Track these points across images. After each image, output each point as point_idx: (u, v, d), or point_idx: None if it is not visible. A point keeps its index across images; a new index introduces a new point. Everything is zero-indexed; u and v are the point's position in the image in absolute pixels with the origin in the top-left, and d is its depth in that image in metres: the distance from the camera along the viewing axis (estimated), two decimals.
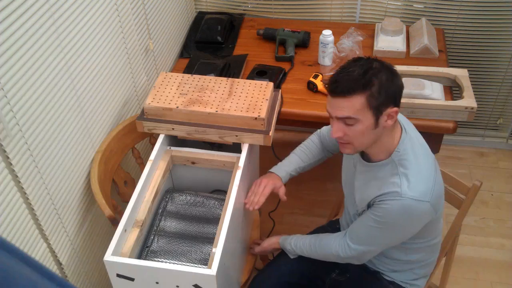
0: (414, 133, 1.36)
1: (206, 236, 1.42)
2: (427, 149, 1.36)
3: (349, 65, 1.23)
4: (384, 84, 1.19)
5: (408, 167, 1.26)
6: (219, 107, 1.48)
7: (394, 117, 1.23)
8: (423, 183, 1.26)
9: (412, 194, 1.24)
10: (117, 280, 1.24)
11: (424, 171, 1.28)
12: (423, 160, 1.30)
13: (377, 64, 1.22)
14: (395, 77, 1.22)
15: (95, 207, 1.59)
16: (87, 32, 1.43)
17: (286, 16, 2.46)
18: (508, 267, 2.15)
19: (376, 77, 1.19)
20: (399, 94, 1.24)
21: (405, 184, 1.25)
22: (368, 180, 1.35)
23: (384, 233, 1.33)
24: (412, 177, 1.25)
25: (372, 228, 1.33)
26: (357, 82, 1.19)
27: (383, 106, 1.20)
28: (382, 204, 1.28)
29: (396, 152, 1.28)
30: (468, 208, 1.56)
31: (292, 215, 2.41)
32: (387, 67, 1.23)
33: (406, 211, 1.25)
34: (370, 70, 1.20)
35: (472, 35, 2.32)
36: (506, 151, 2.67)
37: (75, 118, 1.41)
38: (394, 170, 1.28)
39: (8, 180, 1.14)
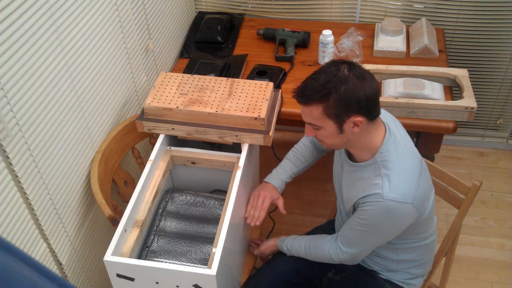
0: (400, 133, 1.35)
1: (206, 236, 1.42)
2: (413, 150, 1.35)
3: (319, 71, 1.25)
4: (342, 96, 1.19)
5: (390, 168, 1.26)
6: (219, 107, 1.48)
7: (359, 125, 1.23)
8: (405, 185, 1.26)
9: (393, 196, 1.24)
10: (117, 280, 1.24)
11: (406, 172, 1.28)
12: (407, 162, 1.30)
13: (345, 72, 1.20)
14: (361, 86, 1.20)
15: (95, 207, 1.59)
16: (87, 32, 1.43)
17: (286, 16, 2.46)
18: (508, 267, 2.15)
19: (335, 88, 1.19)
20: (365, 103, 1.20)
21: (387, 185, 1.25)
22: (353, 180, 1.36)
23: (371, 235, 1.35)
24: (394, 179, 1.25)
25: (359, 231, 1.35)
26: (315, 93, 1.21)
27: (343, 115, 1.21)
28: (365, 206, 1.29)
29: (379, 153, 1.28)
30: (468, 208, 1.56)
31: (292, 215, 2.41)
32: (357, 75, 1.20)
33: (388, 213, 1.26)
34: (332, 80, 1.19)
35: (472, 35, 2.31)
36: (506, 151, 2.67)
37: (75, 118, 1.41)
38: (377, 171, 1.28)
39: (8, 180, 1.14)
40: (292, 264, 1.60)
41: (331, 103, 1.20)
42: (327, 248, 1.46)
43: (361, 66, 1.24)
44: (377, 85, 1.24)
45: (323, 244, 1.47)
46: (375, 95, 1.23)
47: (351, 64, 1.23)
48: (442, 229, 2.29)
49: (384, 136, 1.29)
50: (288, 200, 2.43)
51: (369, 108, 1.22)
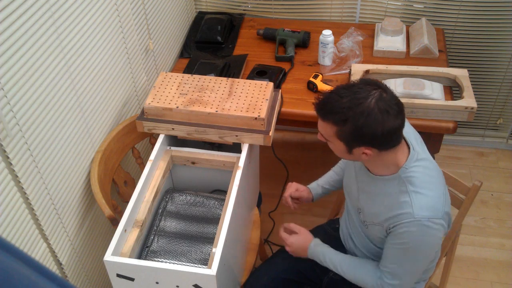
0: (420, 146, 1.33)
1: (206, 236, 1.42)
2: (434, 162, 1.33)
3: (347, 89, 1.19)
4: (359, 128, 1.15)
5: (417, 184, 1.24)
6: (219, 107, 1.48)
7: (368, 156, 1.22)
8: (434, 200, 1.24)
9: (424, 214, 1.21)
10: (117, 280, 1.24)
11: (433, 188, 1.26)
12: (432, 177, 1.28)
13: (371, 103, 1.14)
14: (383, 121, 1.14)
15: (95, 207, 1.59)
16: (87, 32, 1.43)
17: (286, 16, 2.46)
18: (508, 267, 2.15)
19: (354, 119, 1.15)
20: (383, 138, 1.17)
21: (416, 203, 1.22)
22: (375, 194, 1.33)
23: (412, 259, 1.29)
24: (422, 196, 1.23)
25: (399, 258, 1.30)
26: (333, 114, 1.18)
27: (354, 144, 1.20)
28: (398, 229, 1.25)
29: (403, 168, 1.25)
30: (468, 208, 1.56)
31: (292, 215, 2.41)
32: (381, 109, 1.14)
33: (422, 231, 1.23)
34: (354, 109, 1.14)
35: (472, 35, 2.31)
36: (506, 151, 2.67)
37: (75, 118, 1.41)
38: (402, 187, 1.25)
39: (8, 180, 1.14)
40: (292, 263, 1.60)
41: (345, 130, 1.18)
42: (371, 280, 1.39)
43: (394, 97, 1.18)
44: (401, 121, 1.18)
45: (367, 273, 1.41)
46: (395, 130, 1.18)
47: (383, 92, 1.16)
48: None
49: (408, 154, 1.27)
50: None
51: (384, 142, 1.19)
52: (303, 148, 2.74)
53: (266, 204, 2.18)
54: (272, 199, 2.30)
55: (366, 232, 1.43)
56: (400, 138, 1.23)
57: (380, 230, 1.33)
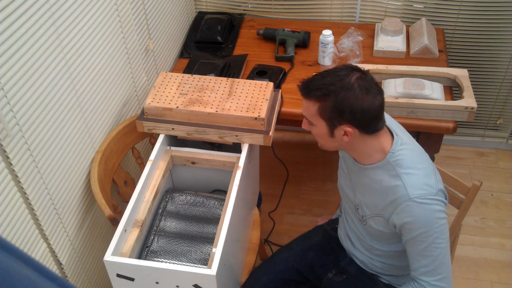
0: (405, 134, 1.35)
1: (206, 236, 1.42)
2: (421, 147, 1.36)
3: (330, 70, 1.24)
4: (339, 102, 1.19)
5: (405, 166, 1.26)
6: (219, 107, 1.48)
7: (349, 135, 1.23)
8: (425, 177, 1.25)
9: (419, 193, 1.22)
10: (117, 280, 1.24)
11: (423, 166, 1.27)
12: (419, 156, 1.30)
13: (351, 80, 1.19)
14: (363, 99, 1.18)
15: (95, 207, 1.59)
16: (87, 32, 1.43)
17: (286, 16, 2.46)
18: (508, 267, 2.15)
19: (335, 92, 1.19)
20: (361, 116, 1.20)
21: (409, 184, 1.23)
22: (368, 185, 1.34)
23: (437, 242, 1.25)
24: (413, 175, 1.25)
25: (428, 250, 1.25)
26: (315, 90, 1.22)
27: (335, 121, 1.22)
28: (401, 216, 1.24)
29: (390, 153, 1.27)
30: (468, 208, 1.56)
31: (292, 215, 2.41)
32: (361, 87, 1.19)
33: (425, 209, 1.23)
34: (336, 84, 1.19)
35: (472, 35, 2.31)
36: (506, 151, 2.67)
37: (75, 118, 1.41)
38: (392, 172, 1.26)
39: (8, 180, 1.14)
40: (291, 263, 1.60)
41: (326, 105, 1.21)
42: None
43: (373, 80, 1.22)
44: (380, 102, 1.22)
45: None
46: (374, 111, 1.21)
47: (363, 74, 1.22)
48: None
49: (392, 139, 1.29)
50: (288, 200, 2.44)
51: (364, 121, 1.21)
52: (303, 148, 2.74)
53: (266, 204, 2.19)
54: (272, 199, 2.30)
55: (365, 230, 1.43)
56: (381, 123, 1.25)
57: (381, 221, 1.33)
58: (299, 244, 1.67)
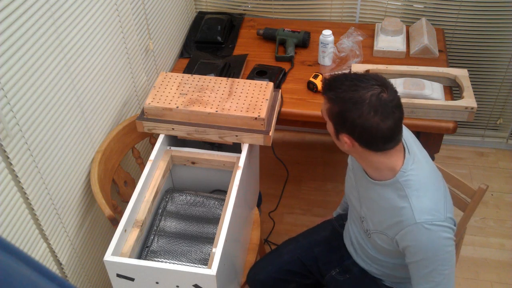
0: (418, 148, 1.31)
1: (206, 236, 1.42)
2: (432, 164, 1.32)
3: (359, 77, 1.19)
4: (341, 111, 1.17)
5: (415, 187, 1.22)
6: (219, 107, 1.48)
7: (349, 145, 1.21)
8: (434, 202, 1.22)
9: (426, 218, 1.19)
10: (117, 280, 1.24)
11: (433, 187, 1.24)
12: (430, 178, 1.26)
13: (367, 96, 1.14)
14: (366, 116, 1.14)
15: (95, 207, 1.59)
16: (87, 32, 1.43)
17: (286, 16, 2.46)
18: (508, 267, 2.15)
19: (343, 102, 1.16)
20: (362, 132, 1.16)
21: (417, 207, 1.20)
22: (375, 200, 1.31)
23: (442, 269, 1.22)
24: (421, 198, 1.21)
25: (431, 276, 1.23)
26: (330, 91, 1.20)
27: (338, 127, 1.22)
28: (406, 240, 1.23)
29: (401, 172, 1.23)
30: (473, 211, 1.52)
31: (292, 215, 2.41)
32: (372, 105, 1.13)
33: (431, 235, 1.20)
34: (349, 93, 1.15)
35: (472, 35, 2.31)
36: (506, 151, 2.67)
37: (75, 118, 1.41)
38: (401, 192, 1.22)
39: (8, 180, 1.14)
40: (297, 255, 1.62)
41: (334, 109, 1.20)
42: None
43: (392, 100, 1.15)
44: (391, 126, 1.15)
45: None
46: (379, 132, 1.15)
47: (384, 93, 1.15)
48: None
49: (404, 156, 1.24)
50: (288, 200, 2.44)
51: (364, 139, 1.18)
52: (303, 148, 2.74)
53: (266, 204, 2.19)
54: (272, 199, 2.30)
55: (369, 242, 1.42)
56: (392, 143, 1.20)
57: (385, 239, 1.31)
58: (306, 237, 1.68)
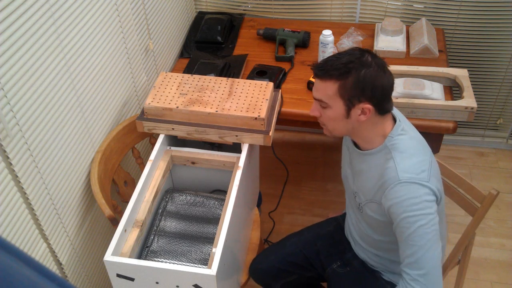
0: (409, 124, 1.36)
1: (206, 236, 1.42)
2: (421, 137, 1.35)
3: (342, 52, 1.26)
4: (361, 79, 1.20)
5: (402, 150, 1.26)
6: (219, 107, 1.48)
7: (367, 114, 1.23)
8: (418, 164, 1.24)
9: (409, 176, 1.21)
10: (117, 280, 1.24)
11: (418, 152, 1.27)
12: (418, 143, 1.30)
13: (368, 59, 1.22)
14: (380, 75, 1.22)
15: (95, 207, 1.59)
16: (87, 32, 1.43)
17: (286, 16, 2.46)
18: (508, 267, 2.15)
19: (356, 70, 1.20)
20: (380, 93, 1.23)
21: (401, 166, 1.23)
22: (366, 170, 1.34)
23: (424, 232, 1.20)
24: (406, 159, 1.24)
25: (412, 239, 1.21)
26: (335, 69, 1.22)
27: (355, 99, 1.22)
28: (389, 200, 1.23)
29: (389, 137, 1.28)
30: (483, 217, 1.50)
31: (292, 215, 2.41)
32: (378, 64, 1.22)
33: (412, 192, 1.20)
34: (355, 61, 1.21)
35: (472, 35, 2.31)
36: (506, 151, 2.67)
37: (75, 118, 1.41)
38: (388, 155, 1.27)
39: (8, 180, 1.14)
40: (299, 248, 1.64)
41: (348, 83, 1.21)
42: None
43: (383, 59, 1.26)
44: (393, 81, 1.26)
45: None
46: (390, 89, 1.25)
47: (375, 54, 1.25)
48: (441, 229, 2.29)
49: (393, 124, 1.30)
50: (288, 200, 2.44)
51: (382, 99, 1.24)
52: (303, 148, 2.74)
53: (266, 204, 2.19)
54: (272, 199, 2.30)
55: (363, 219, 1.42)
56: (392, 103, 1.28)
57: (374, 208, 1.32)
58: (310, 231, 1.70)
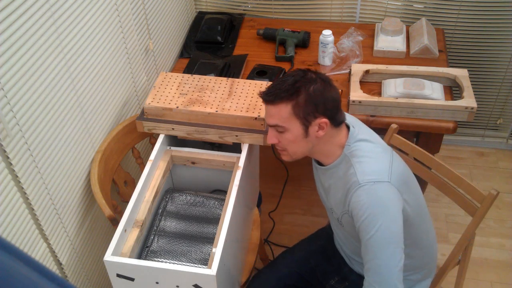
0: (363, 128, 1.36)
1: (206, 236, 1.42)
2: (378, 138, 1.36)
3: (285, 75, 1.27)
4: (312, 95, 1.21)
5: (360, 155, 1.26)
6: (219, 107, 1.48)
7: (324, 128, 1.24)
8: (378, 165, 1.25)
9: (369, 178, 1.22)
10: (117, 280, 1.24)
11: (376, 154, 1.28)
12: (375, 146, 1.30)
13: (312, 76, 1.24)
14: (328, 89, 1.24)
15: (95, 207, 1.59)
16: (87, 32, 1.43)
17: (286, 16, 2.46)
18: (508, 267, 2.15)
19: (305, 87, 1.21)
20: (331, 105, 1.24)
21: (360, 170, 1.23)
22: (333, 184, 1.33)
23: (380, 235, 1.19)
24: (365, 163, 1.25)
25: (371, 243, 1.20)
26: (284, 91, 1.22)
27: (310, 116, 1.22)
28: (352, 203, 1.23)
29: (346, 146, 1.29)
30: (482, 217, 1.49)
31: (292, 215, 2.41)
32: (323, 79, 1.24)
33: (372, 196, 1.20)
34: (301, 80, 1.22)
35: (472, 35, 2.31)
36: (506, 151, 2.67)
37: (75, 118, 1.41)
38: (348, 163, 1.27)
39: (8, 180, 1.14)
40: (294, 268, 1.59)
41: (300, 101, 1.21)
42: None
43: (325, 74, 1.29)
44: (339, 92, 1.29)
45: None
46: (339, 100, 1.27)
47: (316, 70, 1.27)
48: (442, 229, 2.29)
49: (348, 132, 1.30)
50: (288, 200, 2.44)
51: (335, 111, 1.25)
52: None
53: (266, 204, 2.19)
54: (272, 199, 2.30)
55: (348, 233, 1.40)
56: (343, 114, 1.30)
57: (348, 218, 1.30)
58: (302, 248, 1.65)
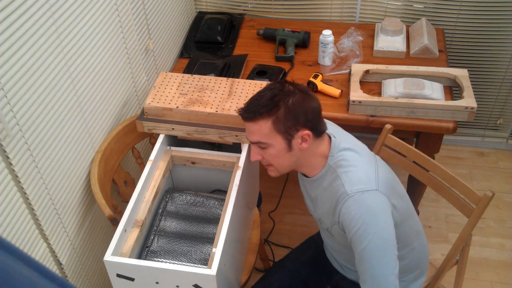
0: (345, 136, 1.35)
1: (206, 236, 1.42)
2: (361, 145, 1.35)
3: (262, 90, 1.25)
4: (291, 108, 1.19)
5: (345, 165, 1.25)
6: (219, 107, 1.48)
7: (307, 140, 1.22)
8: (364, 174, 1.24)
9: (357, 187, 1.21)
10: (117, 280, 1.24)
11: (361, 163, 1.27)
12: (359, 155, 1.29)
13: (290, 88, 1.22)
14: (307, 100, 1.22)
15: (95, 207, 1.60)
16: (87, 32, 1.43)
17: (286, 16, 2.46)
18: (508, 267, 2.15)
19: (283, 100, 1.20)
20: (312, 116, 1.22)
21: (347, 181, 1.22)
22: (319, 195, 1.33)
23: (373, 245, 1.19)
24: (351, 173, 1.24)
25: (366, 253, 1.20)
26: (263, 107, 1.20)
27: (292, 129, 1.21)
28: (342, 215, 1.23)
29: (330, 156, 1.27)
30: (478, 218, 1.50)
31: (292, 215, 2.41)
32: (300, 90, 1.23)
33: (363, 206, 1.20)
34: (279, 94, 1.20)
35: (472, 35, 2.31)
36: (506, 151, 2.67)
37: (75, 118, 1.41)
38: (334, 174, 1.26)
39: (8, 180, 1.15)
40: (286, 281, 1.57)
41: (280, 115, 1.19)
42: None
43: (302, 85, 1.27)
44: (319, 102, 1.26)
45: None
46: (320, 110, 1.25)
47: (293, 82, 1.26)
48: (442, 229, 2.29)
49: (330, 143, 1.29)
50: (288, 200, 2.44)
51: (316, 122, 1.23)
52: None
53: (266, 204, 2.19)
54: (272, 199, 2.30)
55: (339, 242, 1.38)
56: (324, 123, 1.28)
57: (338, 228, 1.29)
58: (292, 261, 1.63)
